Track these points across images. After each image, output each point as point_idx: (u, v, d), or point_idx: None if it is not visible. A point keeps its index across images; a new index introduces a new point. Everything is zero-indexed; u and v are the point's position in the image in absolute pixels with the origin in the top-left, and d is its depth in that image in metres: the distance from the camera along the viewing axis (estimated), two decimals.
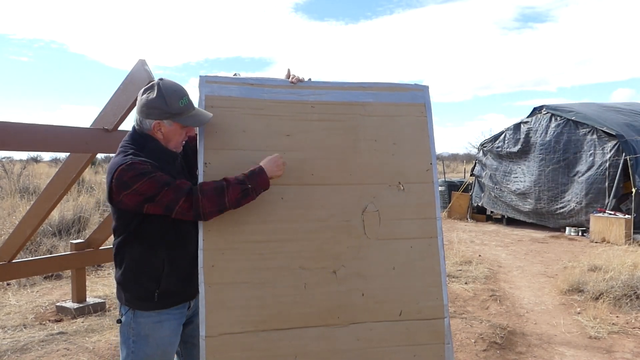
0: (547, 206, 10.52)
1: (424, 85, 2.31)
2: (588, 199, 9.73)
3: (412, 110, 2.24)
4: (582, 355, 3.88)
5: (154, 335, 1.93)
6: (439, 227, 2.19)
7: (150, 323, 1.93)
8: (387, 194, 2.15)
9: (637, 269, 5.75)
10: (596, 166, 9.72)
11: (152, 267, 1.92)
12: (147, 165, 1.81)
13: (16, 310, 4.95)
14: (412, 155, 2.21)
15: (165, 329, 1.96)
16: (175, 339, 2.01)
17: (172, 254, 1.94)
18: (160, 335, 1.95)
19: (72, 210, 8.25)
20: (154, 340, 1.94)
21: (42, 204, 4.12)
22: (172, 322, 1.98)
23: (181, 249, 1.97)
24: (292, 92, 2.13)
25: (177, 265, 1.96)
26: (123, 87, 3.63)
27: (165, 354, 1.97)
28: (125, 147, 1.91)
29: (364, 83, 2.23)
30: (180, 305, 2.02)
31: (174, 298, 1.98)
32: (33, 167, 20.05)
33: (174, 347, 2.02)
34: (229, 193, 1.83)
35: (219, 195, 1.82)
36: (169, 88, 1.89)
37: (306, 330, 2.00)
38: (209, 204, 1.81)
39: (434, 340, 2.11)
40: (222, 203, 1.83)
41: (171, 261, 1.94)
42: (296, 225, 2.04)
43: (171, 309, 1.98)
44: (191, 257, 1.98)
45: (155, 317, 1.94)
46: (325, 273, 2.04)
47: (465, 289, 5.63)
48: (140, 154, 1.87)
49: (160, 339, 1.95)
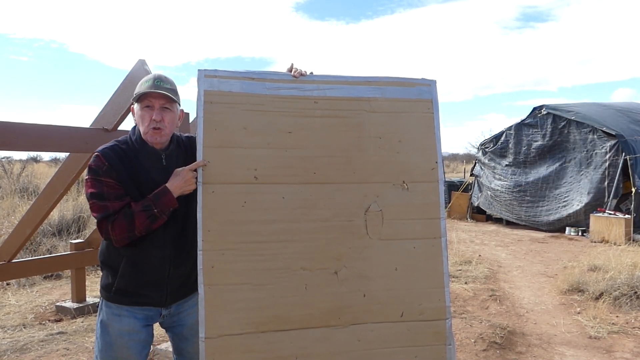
0: (545, 206, 10.52)
1: (432, 80, 2.22)
2: (588, 199, 9.73)
3: (418, 107, 2.17)
4: (582, 355, 3.87)
5: (113, 326, 1.95)
6: (443, 227, 2.13)
7: (110, 313, 1.96)
8: (391, 193, 2.10)
9: (637, 268, 5.74)
10: (596, 166, 9.73)
11: (111, 261, 1.96)
12: (100, 163, 1.87)
13: (16, 310, 4.94)
14: (417, 153, 2.14)
15: (124, 324, 1.94)
16: (136, 337, 1.96)
17: (134, 255, 1.93)
18: (119, 327, 1.94)
19: (71, 210, 8.24)
20: (112, 330, 1.94)
21: (41, 204, 4.12)
22: (132, 319, 1.95)
23: (147, 252, 1.93)
24: (294, 87, 2.06)
25: (139, 267, 1.93)
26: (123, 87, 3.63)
27: (123, 349, 1.94)
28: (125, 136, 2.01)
29: (370, 77, 2.15)
30: (144, 307, 1.97)
31: (132, 298, 1.95)
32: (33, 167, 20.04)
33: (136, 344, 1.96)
34: (136, 221, 1.83)
35: (128, 221, 1.84)
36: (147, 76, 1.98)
37: (307, 332, 1.97)
38: (119, 231, 1.84)
39: (436, 342, 2.09)
40: (132, 230, 1.84)
41: (132, 262, 1.93)
42: (297, 226, 2.00)
43: (133, 307, 1.95)
44: (158, 264, 1.95)
45: (115, 309, 1.96)
46: (327, 274, 2.01)
47: (465, 289, 5.62)
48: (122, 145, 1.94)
49: (119, 331, 1.94)
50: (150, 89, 1.90)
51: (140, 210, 1.84)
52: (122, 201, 1.87)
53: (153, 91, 1.89)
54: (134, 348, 1.96)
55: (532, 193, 10.76)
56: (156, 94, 1.91)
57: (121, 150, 1.93)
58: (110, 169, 1.86)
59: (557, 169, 10.34)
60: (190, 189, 1.89)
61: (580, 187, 9.92)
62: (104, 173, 1.86)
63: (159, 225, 1.89)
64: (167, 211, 1.89)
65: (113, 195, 1.87)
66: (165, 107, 1.94)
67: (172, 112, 1.97)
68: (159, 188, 1.88)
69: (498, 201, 11.63)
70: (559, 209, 10.31)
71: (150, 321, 2.02)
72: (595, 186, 9.68)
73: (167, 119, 1.95)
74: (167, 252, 1.96)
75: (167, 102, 1.94)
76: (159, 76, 1.95)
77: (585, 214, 9.66)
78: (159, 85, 1.91)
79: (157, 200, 1.85)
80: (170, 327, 2.09)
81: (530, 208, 10.82)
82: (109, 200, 1.86)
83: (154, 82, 1.92)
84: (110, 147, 1.93)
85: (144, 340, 2.00)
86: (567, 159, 10.19)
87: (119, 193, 1.88)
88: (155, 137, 1.94)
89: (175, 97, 1.96)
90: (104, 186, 1.86)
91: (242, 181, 1.96)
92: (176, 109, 2.00)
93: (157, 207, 1.85)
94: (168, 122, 1.95)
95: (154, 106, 1.92)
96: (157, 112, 1.92)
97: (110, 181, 1.87)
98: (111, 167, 1.87)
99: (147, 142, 1.96)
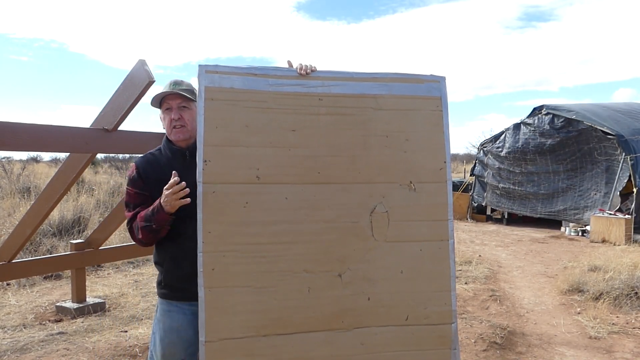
0: (546, 206, 10.52)
1: (441, 77, 2.14)
2: (587, 199, 9.73)
3: (426, 104, 2.09)
4: (582, 355, 3.87)
5: (164, 322, 2.04)
6: (450, 229, 2.06)
7: (162, 310, 2.07)
8: (398, 194, 2.03)
9: (637, 269, 5.75)
10: (596, 166, 9.73)
11: (159, 258, 2.08)
12: (130, 172, 2.05)
13: (16, 310, 4.94)
14: (425, 153, 2.07)
15: (173, 320, 2.02)
16: (183, 334, 2.00)
17: (174, 251, 2.02)
18: (169, 323, 2.02)
19: (72, 210, 8.23)
20: (163, 326, 2.03)
21: (42, 204, 4.11)
22: (180, 315, 2.01)
23: (184, 246, 1.98)
24: (298, 84, 1.99)
25: (178, 262, 2.01)
26: (123, 87, 3.62)
27: (172, 345, 2.00)
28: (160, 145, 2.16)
29: (376, 73, 2.07)
30: (191, 302, 1.96)
31: (178, 293, 2.02)
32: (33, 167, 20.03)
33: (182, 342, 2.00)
34: (140, 232, 1.96)
35: (137, 234, 1.98)
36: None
37: (310, 335, 1.93)
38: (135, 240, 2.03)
39: (441, 346, 2.03)
40: (140, 240, 1.99)
41: (172, 257, 2.02)
42: (301, 227, 1.94)
43: (180, 303, 2.02)
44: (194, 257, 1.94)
45: (166, 305, 2.06)
46: (330, 276, 1.96)
47: (465, 289, 5.62)
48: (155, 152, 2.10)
49: (169, 327, 2.01)
50: (166, 91, 2.01)
51: (143, 227, 1.95)
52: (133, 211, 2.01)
53: (169, 93, 2.00)
54: (179, 345, 2.01)
55: (534, 193, 10.76)
56: (172, 95, 2.01)
57: (152, 156, 2.08)
58: (137, 178, 2.02)
59: (557, 168, 10.33)
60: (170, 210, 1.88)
61: (580, 187, 9.92)
62: (130, 182, 2.04)
63: (164, 234, 1.97)
64: (166, 223, 1.94)
65: (132, 205, 2.03)
66: (182, 106, 2.02)
67: (191, 109, 2.05)
68: (155, 202, 1.94)
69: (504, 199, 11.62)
70: (559, 209, 10.32)
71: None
72: (595, 186, 9.68)
73: (187, 116, 2.03)
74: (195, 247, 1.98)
75: (183, 101, 2.02)
76: (175, 80, 2.06)
77: (586, 213, 9.66)
78: (175, 88, 2.02)
79: (153, 216, 1.92)
80: None
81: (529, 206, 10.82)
82: (129, 209, 2.04)
83: (170, 86, 2.04)
84: (143, 156, 2.10)
85: (190, 339, 2.01)
86: (567, 159, 10.19)
87: (137, 202, 2.02)
88: (178, 134, 2.03)
89: (192, 96, 2.04)
90: (127, 196, 2.05)
91: (244, 181, 1.90)
92: (195, 107, 2.04)
93: (154, 223, 1.92)
94: (188, 120, 2.03)
95: (172, 107, 2.02)
96: (175, 111, 2.02)
97: (133, 190, 2.03)
98: (138, 176, 2.02)
99: (173, 143, 2.07)
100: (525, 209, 11.16)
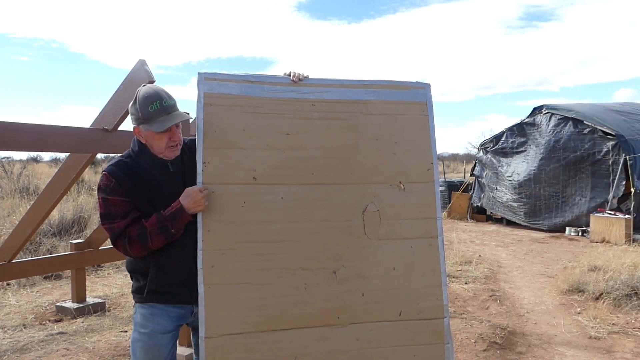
0: (546, 206, 10.52)
1: (426, 83, 2.28)
2: (587, 199, 9.72)
3: (413, 109, 2.23)
4: (582, 355, 3.87)
5: (147, 326, 1.99)
6: (439, 227, 2.17)
7: (144, 315, 2.01)
8: (388, 194, 2.13)
9: (637, 269, 5.74)
10: (597, 166, 9.72)
11: (140, 268, 2.02)
12: (109, 182, 1.91)
13: (16, 310, 4.95)
14: (413, 155, 2.19)
15: (157, 323, 1.99)
16: (169, 335, 2.01)
17: (159, 259, 1.97)
18: (152, 327, 1.99)
19: (72, 210, 8.25)
20: (146, 331, 1.99)
21: (42, 204, 4.12)
22: (165, 318, 2.00)
23: (170, 255, 1.97)
24: (292, 90, 2.10)
25: (165, 270, 1.98)
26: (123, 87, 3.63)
27: (158, 347, 1.99)
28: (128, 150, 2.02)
29: (366, 81, 2.20)
30: (177, 304, 2.01)
31: (164, 296, 2.00)
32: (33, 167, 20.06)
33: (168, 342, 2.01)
34: (152, 240, 1.88)
35: (143, 242, 1.89)
36: (143, 94, 1.91)
37: (306, 331, 1.99)
38: (136, 250, 1.91)
39: (434, 341, 2.10)
40: (147, 247, 1.90)
41: (158, 266, 1.98)
42: (296, 226, 2.03)
43: (164, 305, 2.00)
44: (182, 264, 1.97)
45: (148, 309, 2.01)
46: (326, 273, 2.03)
47: (465, 289, 5.62)
48: (127, 160, 1.97)
49: (152, 331, 1.99)
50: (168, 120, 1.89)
51: (158, 232, 1.88)
52: (126, 219, 1.91)
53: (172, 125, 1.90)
54: (165, 347, 2.01)
55: (531, 193, 10.76)
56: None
57: (126, 165, 1.96)
58: (117, 186, 1.90)
59: (557, 168, 10.33)
60: (199, 209, 1.91)
61: (580, 187, 9.92)
62: (110, 191, 1.91)
63: (176, 238, 1.94)
64: (182, 227, 1.92)
65: (120, 214, 1.91)
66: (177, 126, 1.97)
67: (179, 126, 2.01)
68: (174, 206, 1.89)
69: (499, 201, 11.62)
70: (559, 209, 10.31)
71: (182, 320, 2.06)
72: (595, 186, 9.68)
73: (179, 134, 1.99)
74: (188, 251, 1.97)
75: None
76: (161, 96, 1.90)
77: (586, 214, 9.66)
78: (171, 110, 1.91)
79: (174, 220, 1.88)
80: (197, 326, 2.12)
81: (530, 208, 10.82)
82: (117, 219, 1.91)
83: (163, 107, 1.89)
84: (115, 164, 1.96)
85: (172, 340, 2.05)
86: (567, 158, 10.18)
87: (125, 210, 1.91)
88: (174, 154, 1.99)
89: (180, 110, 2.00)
90: (111, 205, 1.91)
91: (242, 182, 1.99)
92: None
93: (174, 227, 1.89)
94: (180, 137, 2.00)
95: (173, 129, 1.94)
96: (175, 134, 1.95)
97: (117, 199, 1.91)
98: (118, 184, 1.90)
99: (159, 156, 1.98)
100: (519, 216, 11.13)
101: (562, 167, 10.25)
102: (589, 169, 9.84)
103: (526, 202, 10.90)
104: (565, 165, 10.21)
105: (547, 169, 10.51)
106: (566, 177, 10.21)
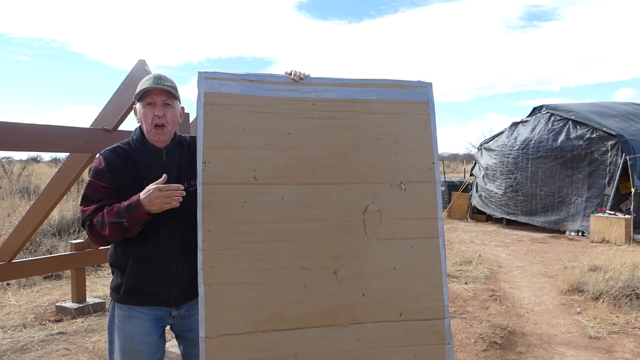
0: (545, 206, 10.52)
1: (428, 82, 2.25)
2: (587, 199, 9.72)
3: (414, 108, 2.21)
4: (582, 355, 3.88)
5: (124, 329, 1.95)
6: (440, 227, 2.16)
7: (121, 316, 1.97)
8: (389, 194, 2.12)
9: (637, 269, 5.75)
10: (596, 166, 9.72)
11: (119, 261, 1.97)
12: (99, 165, 1.91)
13: (16, 310, 4.95)
14: (414, 154, 2.17)
15: (134, 325, 1.94)
16: (147, 339, 1.95)
17: (141, 253, 1.93)
18: (130, 330, 1.94)
19: (72, 210, 8.25)
20: (123, 334, 1.95)
21: (42, 204, 4.12)
22: (142, 320, 1.95)
23: (153, 250, 1.94)
24: (293, 89, 2.09)
25: (145, 265, 1.93)
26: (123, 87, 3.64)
27: (135, 352, 1.93)
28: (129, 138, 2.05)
29: (367, 80, 2.19)
30: (154, 307, 1.97)
31: (141, 297, 1.95)
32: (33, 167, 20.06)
33: (147, 347, 1.96)
34: (105, 228, 1.81)
35: (100, 230, 1.83)
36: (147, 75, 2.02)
37: (306, 331, 1.98)
38: (94, 237, 1.87)
39: (435, 341, 2.10)
40: (103, 236, 1.84)
41: (138, 260, 1.93)
42: (296, 225, 2.02)
43: (142, 308, 1.95)
44: (165, 260, 1.94)
45: (125, 311, 1.96)
46: (326, 273, 2.02)
47: (465, 289, 5.62)
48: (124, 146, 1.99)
49: (130, 334, 1.94)
50: (151, 86, 1.93)
51: (112, 222, 1.81)
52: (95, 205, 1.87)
53: (154, 87, 1.93)
54: (145, 351, 1.95)
55: (531, 193, 10.76)
56: (157, 90, 1.94)
57: (123, 151, 1.97)
58: (106, 170, 1.90)
59: (557, 168, 10.33)
60: (153, 209, 1.79)
61: (580, 187, 9.92)
62: (97, 175, 1.91)
63: (133, 234, 1.86)
64: (140, 223, 1.83)
65: (95, 199, 1.89)
66: (166, 103, 1.96)
67: (174, 108, 2.00)
68: (133, 199, 1.82)
69: (493, 201, 11.61)
70: (559, 209, 10.31)
71: (161, 322, 2.01)
72: (595, 186, 9.68)
73: (169, 115, 1.97)
74: (172, 248, 1.95)
75: (168, 98, 1.96)
76: (159, 75, 1.98)
77: (585, 214, 9.66)
78: (160, 83, 1.95)
79: (129, 213, 1.80)
80: (180, 331, 2.08)
81: (528, 208, 10.82)
82: (89, 203, 1.90)
83: (154, 80, 1.95)
84: (111, 149, 1.97)
85: (156, 344, 1.99)
86: (567, 158, 10.18)
87: (101, 197, 1.89)
88: (158, 136, 1.97)
89: (176, 94, 1.99)
90: (91, 189, 1.91)
91: (242, 182, 1.98)
92: (177, 106, 2.03)
93: (127, 220, 1.80)
94: (170, 119, 1.97)
95: (156, 102, 1.95)
96: (159, 107, 1.95)
97: (99, 184, 1.90)
98: (107, 170, 1.90)
99: (149, 141, 1.99)
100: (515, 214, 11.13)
101: (561, 167, 10.24)
102: (588, 169, 9.84)
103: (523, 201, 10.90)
104: (564, 165, 10.20)
105: (546, 169, 10.51)
106: (565, 177, 10.21)
